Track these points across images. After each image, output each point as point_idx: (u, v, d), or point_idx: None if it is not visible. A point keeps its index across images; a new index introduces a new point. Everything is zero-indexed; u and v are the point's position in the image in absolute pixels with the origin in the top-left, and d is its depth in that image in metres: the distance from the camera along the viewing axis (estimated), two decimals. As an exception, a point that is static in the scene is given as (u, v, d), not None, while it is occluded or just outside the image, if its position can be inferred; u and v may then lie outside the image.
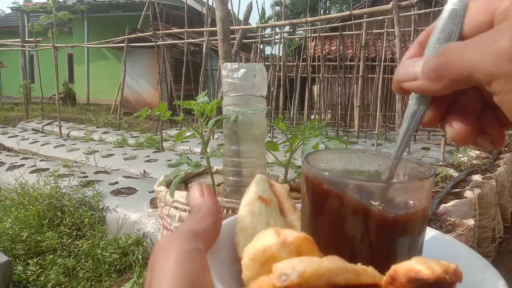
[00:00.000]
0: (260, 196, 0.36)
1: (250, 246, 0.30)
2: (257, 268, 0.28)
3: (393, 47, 8.91)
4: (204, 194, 0.35)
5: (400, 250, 0.33)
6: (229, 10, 5.43)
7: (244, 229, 0.34)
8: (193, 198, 0.35)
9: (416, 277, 0.25)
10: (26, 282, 2.01)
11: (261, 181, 0.37)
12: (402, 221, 0.33)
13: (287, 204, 0.38)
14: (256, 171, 1.08)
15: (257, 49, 8.12)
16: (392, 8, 3.14)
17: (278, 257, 0.27)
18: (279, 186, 0.39)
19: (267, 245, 0.28)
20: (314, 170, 0.35)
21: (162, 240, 0.29)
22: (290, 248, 0.28)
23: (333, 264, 0.26)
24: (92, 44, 9.38)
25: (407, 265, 0.26)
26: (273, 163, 2.83)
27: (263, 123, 1.09)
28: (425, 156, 4.97)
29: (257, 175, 0.38)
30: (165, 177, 1.16)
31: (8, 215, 2.57)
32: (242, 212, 0.35)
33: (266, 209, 0.35)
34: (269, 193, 0.37)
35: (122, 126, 7.84)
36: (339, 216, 0.33)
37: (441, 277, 0.24)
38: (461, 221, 1.65)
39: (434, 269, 0.25)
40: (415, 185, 0.35)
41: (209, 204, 0.34)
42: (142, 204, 2.64)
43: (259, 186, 0.37)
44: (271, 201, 0.36)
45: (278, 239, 0.28)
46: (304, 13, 17.41)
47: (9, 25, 17.81)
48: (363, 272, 0.26)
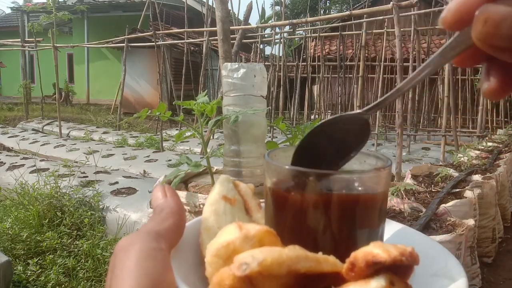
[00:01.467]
0: (225, 195, 0.36)
1: (213, 242, 0.29)
2: (221, 264, 0.28)
3: (393, 47, 8.91)
4: (167, 195, 0.35)
5: (360, 239, 0.34)
6: (229, 10, 5.43)
7: (208, 228, 0.34)
8: (156, 198, 0.35)
9: (374, 260, 0.25)
10: (26, 282, 2.01)
11: (225, 181, 0.37)
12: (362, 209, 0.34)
13: (252, 203, 0.38)
14: (256, 171, 1.08)
15: (257, 49, 8.12)
16: (392, 8, 3.14)
17: (241, 251, 0.27)
18: (244, 186, 0.39)
19: (229, 239, 0.28)
20: (274, 164, 0.35)
21: (123, 240, 0.29)
22: (253, 241, 0.28)
23: (294, 253, 0.26)
24: (92, 44, 9.38)
25: (365, 249, 0.26)
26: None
27: (263, 123, 1.09)
28: (425, 156, 4.97)
29: (221, 176, 0.38)
30: (165, 177, 1.16)
31: (8, 215, 2.57)
32: (206, 212, 0.35)
33: (231, 209, 0.35)
34: (233, 192, 0.37)
35: (122, 126, 7.84)
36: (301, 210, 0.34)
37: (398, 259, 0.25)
38: (461, 221, 1.65)
39: (390, 252, 0.25)
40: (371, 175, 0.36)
41: (171, 205, 0.33)
42: (142, 204, 2.64)
43: (223, 186, 0.37)
44: (236, 200, 0.36)
45: (240, 233, 0.28)
46: (304, 13, 17.41)
47: (9, 25, 17.81)
48: (324, 260, 0.27)
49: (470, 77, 8.03)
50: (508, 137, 4.32)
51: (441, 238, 1.49)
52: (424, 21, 7.78)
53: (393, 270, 0.26)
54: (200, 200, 1.00)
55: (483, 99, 4.82)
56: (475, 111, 7.23)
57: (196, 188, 1.20)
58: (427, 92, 7.51)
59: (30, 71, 13.61)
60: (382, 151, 5.44)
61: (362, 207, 0.34)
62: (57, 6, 8.43)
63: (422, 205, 1.87)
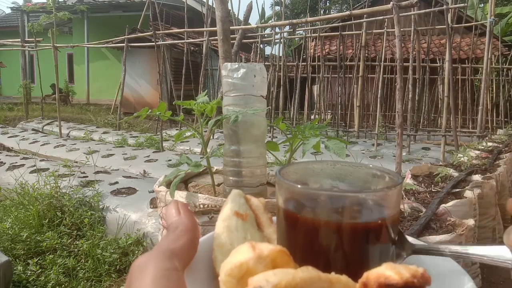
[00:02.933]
0: (236, 211, 0.36)
1: (227, 262, 0.30)
2: (235, 283, 0.28)
3: (393, 47, 8.91)
4: (181, 212, 0.35)
5: (372, 258, 0.34)
6: (229, 10, 5.43)
7: (221, 245, 0.34)
8: (170, 215, 0.35)
9: (386, 282, 0.26)
10: (26, 282, 2.01)
11: (237, 196, 0.38)
12: (373, 228, 0.34)
13: (263, 218, 0.38)
14: (256, 171, 1.08)
15: (257, 49, 8.12)
16: (392, 8, 3.14)
17: (254, 271, 0.28)
18: (255, 200, 0.39)
19: (243, 260, 0.29)
20: (287, 183, 0.35)
21: (138, 259, 0.30)
22: (266, 261, 0.29)
23: (307, 274, 0.26)
24: (92, 44, 9.38)
25: (377, 271, 0.27)
26: (273, 163, 2.83)
27: (263, 123, 1.09)
28: (425, 156, 4.97)
29: (233, 190, 0.38)
30: (165, 177, 1.16)
31: (8, 215, 2.57)
32: (219, 229, 0.35)
33: (242, 224, 0.36)
34: (245, 207, 0.37)
35: (122, 126, 7.84)
36: (313, 229, 0.34)
37: (410, 281, 0.26)
38: (461, 221, 1.65)
39: (402, 274, 0.26)
40: (383, 194, 0.36)
41: (185, 222, 0.34)
42: (142, 204, 2.64)
43: (235, 201, 0.37)
44: (248, 215, 0.37)
45: (253, 253, 0.29)
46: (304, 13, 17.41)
47: (9, 25, 17.81)
48: (337, 280, 0.27)
49: (470, 77, 8.03)
50: (508, 137, 4.32)
51: (441, 238, 1.49)
52: (424, 21, 7.79)
53: None
54: (200, 200, 1.00)
55: (483, 99, 4.82)
56: (475, 111, 7.23)
57: (196, 188, 1.20)
58: (427, 92, 7.51)
59: (30, 71, 13.61)
60: (382, 151, 5.44)
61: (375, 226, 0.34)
62: (57, 6, 8.44)
63: (422, 205, 1.87)
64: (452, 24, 5.66)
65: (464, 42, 8.26)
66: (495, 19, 4.98)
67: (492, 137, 4.63)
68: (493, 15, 4.84)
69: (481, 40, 8.23)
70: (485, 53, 4.89)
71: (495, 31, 8.77)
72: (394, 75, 7.75)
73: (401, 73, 3.22)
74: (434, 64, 7.72)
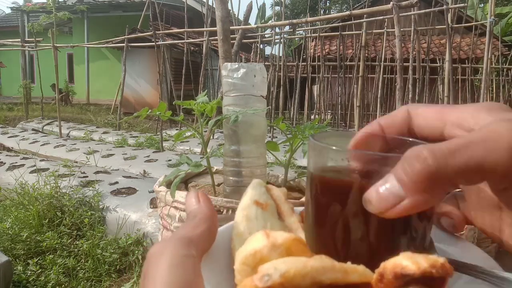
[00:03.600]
0: (257, 200, 0.36)
1: (241, 250, 0.30)
2: (249, 272, 0.28)
3: (393, 47, 8.91)
4: (200, 201, 0.35)
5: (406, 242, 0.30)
6: (229, 10, 5.43)
7: (240, 234, 0.34)
8: (190, 204, 0.35)
9: (402, 273, 0.24)
10: (26, 282, 2.01)
11: (257, 185, 0.37)
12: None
13: (284, 208, 0.37)
14: (256, 171, 1.08)
15: (257, 49, 8.13)
16: (392, 8, 3.14)
17: (268, 260, 0.27)
18: (277, 190, 0.38)
19: (257, 248, 0.28)
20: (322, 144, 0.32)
21: (155, 246, 0.30)
22: (280, 249, 0.28)
23: (319, 263, 0.25)
24: (92, 44, 9.38)
25: (394, 261, 0.25)
26: (273, 163, 2.82)
27: (263, 123, 1.09)
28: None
29: (254, 180, 0.38)
30: (165, 177, 1.16)
31: (8, 215, 2.57)
32: (238, 218, 0.35)
33: (262, 214, 0.35)
34: (265, 197, 0.37)
35: (122, 126, 7.84)
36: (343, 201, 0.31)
37: (428, 272, 0.24)
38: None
39: (420, 264, 0.24)
40: None
41: (204, 211, 0.34)
42: (142, 204, 2.64)
43: (256, 190, 0.37)
44: (268, 205, 0.36)
45: (267, 241, 0.28)
46: (304, 13, 17.40)
47: (9, 25, 17.82)
48: (352, 271, 0.26)
49: (470, 77, 8.03)
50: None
51: (441, 238, 1.49)
52: (424, 21, 7.78)
53: (424, 282, 0.24)
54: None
55: (483, 99, 4.82)
56: (475, 111, 7.21)
57: (196, 188, 1.20)
58: (427, 92, 7.51)
59: (30, 71, 13.61)
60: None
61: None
62: (57, 6, 8.44)
63: (422, 205, 1.87)
64: (452, 24, 5.66)
65: (464, 42, 8.26)
66: (495, 19, 4.98)
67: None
68: (493, 15, 4.84)
69: (481, 40, 8.23)
70: (485, 53, 4.90)
71: (495, 31, 8.77)
72: (394, 75, 7.75)
73: (401, 73, 3.22)
74: (434, 64, 7.72)
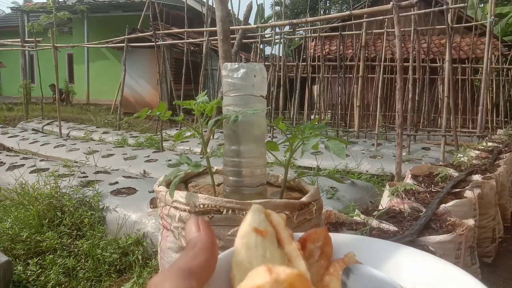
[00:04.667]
0: (256, 227, 0.35)
1: (243, 285, 0.29)
2: None
3: (393, 47, 8.91)
4: (200, 229, 0.35)
5: None
6: (229, 10, 5.43)
7: (239, 263, 0.33)
8: (189, 232, 0.35)
9: None
10: (26, 282, 2.01)
11: (256, 211, 0.36)
12: None
13: (284, 235, 0.37)
14: (256, 171, 1.08)
15: (257, 49, 8.13)
16: (392, 8, 3.14)
17: None
18: (276, 215, 0.38)
19: (259, 283, 0.28)
20: None
21: (155, 278, 0.29)
22: (283, 286, 0.28)
23: None
24: (92, 44, 9.38)
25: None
26: (273, 163, 2.82)
27: (263, 123, 1.09)
28: (425, 156, 4.97)
29: (253, 205, 0.37)
30: (165, 177, 1.16)
31: (8, 215, 2.57)
32: (237, 245, 0.34)
33: (262, 241, 0.34)
34: (265, 224, 0.36)
35: (122, 126, 7.84)
36: None
37: None
38: (461, 221, 1.65)
39: None
40: None
41: (204, 240, 0.33)
42: (142, 204, 2.64)
43: (255, 217, 0.36)
44: (268, 232, 0.36)
45: (270, 277, 0.28)
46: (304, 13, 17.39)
47: (9, 25, 17.81)
48: None
49: (470, 77, 8.03)
50: (508, 137, 4.33)
51: (441, 238, 1.49)
52: (424, 21, 7.78)
53: None
54: (200, 200, 1.00)
55: (483, 99, 4.82)
56: (475, 111, 7.23)
57: (196, 188, 1.20)
58: (427, 92, 7.51)
59: (30, 71, 13.61)
60: (382, 151, 5.44)
61: None
62: (57, 6, 8.45)
63: (422, 205, 1.87)
64: (452, 24, 5.66)
65: (464, 42, 8.26)
66: (495, 19, 4.98)
67: (492, 137, 4.63)
68: (493, 15, 4.84)
69: (481, 40, 8.23)
70: (485, 53, 4.90)
71: (495, 31, 8.77)
72: (394, 75, 7.75)
73: (401, 73, 3.22)
74: (434, 64, 7.72)
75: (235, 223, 0.97)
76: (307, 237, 0.38)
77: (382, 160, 4.55)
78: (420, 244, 1.47)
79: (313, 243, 0.38)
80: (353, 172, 4.33)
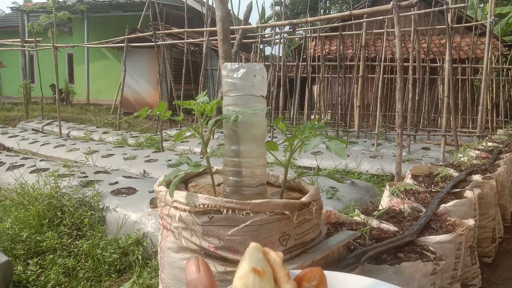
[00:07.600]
0: (254, 268, 0.36)
1: None
2: None
3: (393, 47, 8.91)
4: (200, 270, 0.36)
5: None
6: (229, 10, 5.43)
7: None
8: (190, 273, 0.36)
9: None
10: (26, 282, 2.01)
11: (254, 251, 0.38)
12: None
13: (281, 274, 0.38)
14: (256, 171, 1.08)
15: (257, 49, 8.13)
16: (392, 8, 3.14)
17: None
18: (273, 254, 0.39)
19: None
20: None
21: None
22: None
23: None
24: (92, 44, 9.38)
25: None
26: (273, 163, 2.82)
27: (263, 123, 1.09)
28: (425, 156, 4.97)
29: (251, 244, 0.38)
30: (165, 177, 1.16)
31: (8, 215, 2.57)
32: (236, 285, 0.36)
33: (260, 282, 0.36)
34: (262, 263, 0.37)
35: (122, 126, 7.84)
36: None
37: None
38: (461, 221, 1.65)
39: None
40: None
41: (204, 281, 0.35)
42: (142, 204, 2.64)
43: (253, 257, 0.37)
44: (265, 272, 0.37)
45: None
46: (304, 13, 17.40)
47: (9, 25, 17.81)
48: None
49: (470, 77, 8.03)
50: (508, 137, 4.32)
51: (441, 238, 1.49)
52: (424, 21, 7.79)
53: None
54: (200, 200, 1.00)
55: (483, 99, 4.82)
56: (475, 111, 7.23)
57: (196, 188, 1.20)
58: (427, 92, 7.51)
59: (30, 71, 13.61)
60: (382, 151, 5.44)
61: None
62: (57, 6, 8.45)
63: (422, 205, 1.87)
64: (452, 24, 5.66)
65: (464, 42, 8.26)
66: (495, 19, 4.98)
67: (492, 137, 4.63)
68: (493, 15, 4.84)
69: (481, 40, 8.23)
70: (485, 53, 4.89)
71: (495, 31, 8.77)
72: (394, 75, 7.75)
73: (401, 73, 3.22)
74: (434, 64, 7.72)
75: (235, 223, 0.97)
76: (302, 276, 0.39)
77: (382, 160, 4.55)
78: (420, 244, 1.47)
79: (309, 282, 0.39)
80: (353, 172, 4.33)
